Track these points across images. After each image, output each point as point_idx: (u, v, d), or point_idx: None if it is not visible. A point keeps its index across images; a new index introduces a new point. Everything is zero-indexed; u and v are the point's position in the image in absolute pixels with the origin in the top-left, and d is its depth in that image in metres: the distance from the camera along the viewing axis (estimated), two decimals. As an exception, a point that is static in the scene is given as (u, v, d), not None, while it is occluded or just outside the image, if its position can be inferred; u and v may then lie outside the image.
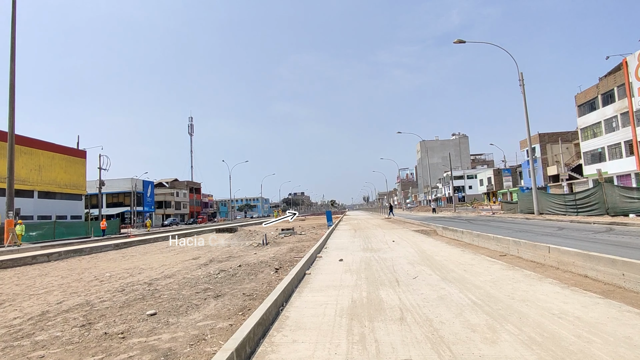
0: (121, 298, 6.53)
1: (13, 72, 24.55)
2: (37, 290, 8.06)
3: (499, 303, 4.66)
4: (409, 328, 3.91)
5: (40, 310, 6.05)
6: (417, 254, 9.59)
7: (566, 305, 4.40)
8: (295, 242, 15.41)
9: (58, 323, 5.13)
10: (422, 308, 4.63)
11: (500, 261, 7.98)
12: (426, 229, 18.51)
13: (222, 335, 4.13)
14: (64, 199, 43.15)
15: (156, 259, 13.01)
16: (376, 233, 17.69)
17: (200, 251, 14.96)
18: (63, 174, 43.04)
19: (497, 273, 6.56)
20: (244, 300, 5.75)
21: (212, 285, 7.18)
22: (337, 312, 4.63)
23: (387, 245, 12.20)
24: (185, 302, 5.83)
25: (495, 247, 10.33)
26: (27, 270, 11.93)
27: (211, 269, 9.44)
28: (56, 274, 10.65)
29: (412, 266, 7.79)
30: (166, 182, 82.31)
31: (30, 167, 38.55)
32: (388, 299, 5.15)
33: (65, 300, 6.77)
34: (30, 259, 13.98)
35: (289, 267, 8.66)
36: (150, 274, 9.47)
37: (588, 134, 39.36)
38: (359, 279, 6.67)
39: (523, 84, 26.37)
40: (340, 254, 10.26)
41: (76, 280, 9.26)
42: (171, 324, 4.71)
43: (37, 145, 40.00)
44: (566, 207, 23.42)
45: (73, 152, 45.32)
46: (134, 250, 18.01)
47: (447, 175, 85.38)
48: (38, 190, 39.45)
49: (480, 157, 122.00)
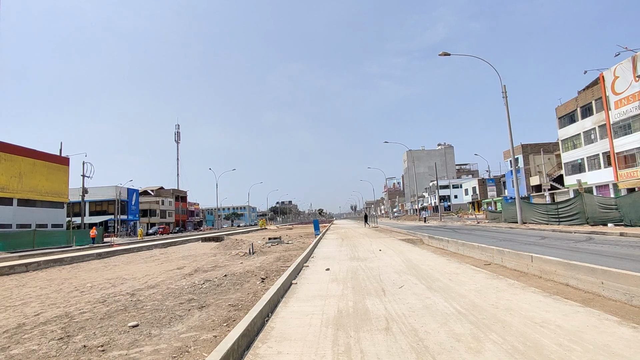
0: (102, 309, 6.36)
1: (-6, 77, 23.96)
2: (13, 302, 7.79)
3: (483, 312, 4.71)
4: (395, 338, 3.91)
5: (17, 322, 5.84)
6: (403, 263, 9.63)
7: (548, 314, 4.47)
8: (282, 251, 15.31)
9: (35, 336, 4.97)
10: (407, 318, 4.65)
11: (485, 270, 8.07)
12: (412, 238, 18.63)
13: (206, 347, 4.06)
14: (45, 207, 41.98)
15: (140, 269, 12.74)
16: (363, 242, 17.72)
17: (185, 260, 14.72)
18: (44, 182, 41.95)
19: (482, 282, 6.64)
20: (229, 311, 5.67)
21: (196, 295, 7.07)
22: (323, 322, 4.60)
23: (374, 254, 12.22)
24: (169, 313, 5.71)
25: (480, 256, 10.47)
26: (4, 281, 11.53)
27: (196, 279, 9.29)
28: (34, 285, 10.32)
29: (399, 275, 7.82)
30: (151, 190, 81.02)
31: (10, 174, 37.48)
32: (374, 309, 5.15)
33: (43, 312, 6.56)
34: (7, 269, 13.52)
35: (275, 276, 8.59)
36: (133, 284, 9.27)
37: (568, 145, 40.46)
38: (346, 289, 6.66)
39: (506, 96, 27.04)
40: (327, 263, 10.23)
41: (55, 291, 8.99)
42: (154, 335, 4.61)
43: (18, 151, 38.97)
44: (548, 217, 23.91)
45: (55, 159, 44.27)
46: (117, 259, 17.60)
47: (433, 185, 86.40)
48: (18, 198, 38.32)
49: (465, 167, 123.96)
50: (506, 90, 27.03)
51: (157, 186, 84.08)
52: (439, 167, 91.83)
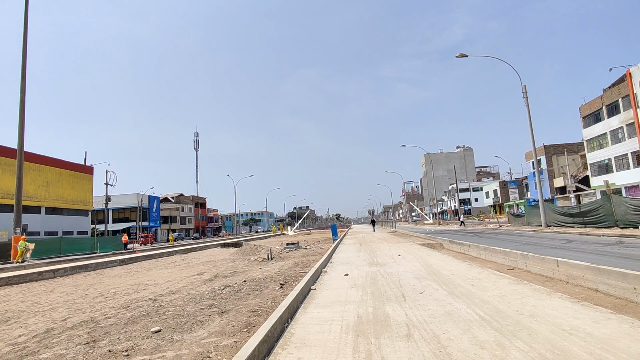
0: (126, 315, 6.50)
1: (23, 91, 25.10)
2: (42, 307, 8.05)
3: (507, 319, 4.58)
4: (416, 345, 3.84)
5: (45, 327, 6.03)
6: (423, 269, 9.48)
7: (577, 321, 4.30)
8: (300, 257, 15.32)
9: (62, 340, 5.11)
10: (429, 324, 4.56)
11: (508, 275, 7.86)
12: (432, 243, 18.34)
13: (227, 352, 4.08)
14: (71, 215, 43.43)
15: (161, 275, 12.97)
16: (381, 247, 17.55)
17: (205, 266, 14.91)
18: (70, 190, 43.43)
19: (505, 287, 6.46)
20: (249, 316, 5.69)
21: (216, 301, 7.14)
22: (343, 329, 4.57)
23: (393, 259, 12.08)
24: (190, 319, 5.79)
25: (503, 260, 10.20)
26: (33, 287, 11.95)
27: (216, 284, 9.39)
28: (62, 290, 10.65)
29: (419, 281, 7.69)
30: (172, 197, 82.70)
31: (38, 183, 38.98)
32: (394, 315, 5.07)
33: (70, 317, 6.75)
34: (36, 275, 14.01)
35: (294, 282, 8.59)
36: (155, 290, 9.44)
37: (594, 145, 39.15)
38: (365, 295, 6.59)
39: (527, 97, 26.43)
40: (345, 269, 10.17)
41: (81, 296, 9.25)
42: (175, 341, 4.68)
43: (45, 161, 40.53)
44: (574, 220, 23.13)
45: (80, 168, 45.81)
46: (139, 265, 17.99)
47: (452, 188, 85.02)
48: (45, 206, 39.79)
49: (485, 169, 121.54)
50: (526, 90, 26.44)
51: (177, 193, 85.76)
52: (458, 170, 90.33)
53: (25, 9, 25.66)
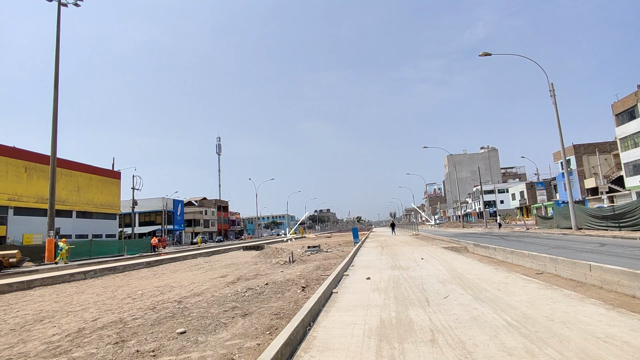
0: (152, 316, 6.67)
1: (56, 100, 26.30)
2: (74, 307, 8.37)
3: (536, 325, 4.42)
4: (441, 350, 3.76)
5: (77, 327, 6.26)
6: (447, 272, 9.29)
7: (612, 329, 4.10)
8: (322, 260, 15.31)
9: (93, 340, 5.29)
10: (454, 329, 4.45)
11: (537, 280, 7.59)
12: (456, 246, 17.95)
13: (250, 355, 4.12)
14: (100, 218, 45.06)
15: (186, 277, 13.25)
16: (404, 250, 17.32)
17: (228, 269, 15.12)
18: (99, 195, 45.09)
19: (534, 292, 6.24)
20: (271, 319, 5.73)
21: (239, 303, 7.22)
22: (366, 333, 4.52)
23: (416, 263, 11.90)
24: (214, 321, 5.87)
25: (531, 264, 9.87)
26: (66, 288, 12.44)
27: (239, 287, 9.50)
28: (92, 292, 11.04)
29: (443, 285, 7.54)
30: (195, 200, 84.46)
31: (69, 188, 40.68)
32: (418, 320, 4.99)
33: (100, 317, 6.99)
34: (68, 277, 14.59)
35: (315, 285, 8.59)
36: (180, 292, 9.65)
37: (628, 143, 37.41)
38: (388, 298, 6.51)
39: (554, 95, 25.58)
40: (367, 272, 10.09)
41: (110, 297, 9.56)
42: (200, 342, 4.76)
43: (76, 167, 42.27)
44: (607, 222, 22.13)
45: (108, 173, 47.51)
46: (164, 268, 18.44)
47: (476, 190, 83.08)
48: (76, 210, 41.44)
49: (511, 170, 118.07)
50: (554, 88, 25.58)
51: (201, 197, 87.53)
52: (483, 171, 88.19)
53: (58, 25, 26.92)
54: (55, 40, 26.61)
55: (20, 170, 35.20)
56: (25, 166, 35.67)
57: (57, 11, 26.83)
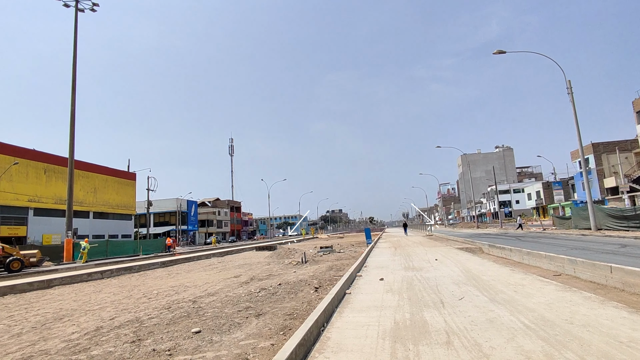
0: (168, 315, 6.76)
1: (74, 103, 26.93)
2: (92, 306, 8.55)
3: (555, 328, 4.32)
4: (457, 353, 3.70)
5: (95, 325, 6.39)
6: (462, 274, 9.16)
7: (636, 333, 3.98)
8: (334, 261, 15.29)
9: (111, 339, 5.39)
10: (469, 331, 4.39)
11: (555, 281, 7.42)
12: (471, 247, 17.70)
13: (264, 355, 4.13)
14: (116, 219, 45.96)
15: (200, 277, 13.39)
16: (417, 251, 17.16)
17: (241, 269, 15.23)
18: (115, 196, 45.98)
19: (552, 294, 6.10)
20: (285, 319, 5.74)
21: (253, 303, 7.26)
22: (380, 334, 4.49)
23: (430, 263, 11.77)
24: (228, 320, 5.92)
25: (548, 266, 9.67)
26: (84, 287, 12.72)
27: (252, 287, 9.56)
28: (109, 291, 11.26)
29: (458, 286, 7.44)
30: (208, 201, 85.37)
31: (87, 189, 41.59)
32: (433, 321, 4.93)
33: (117, 316, 7.12)
34: (86, 276, 14.91)
35: (328, 286, 8.58)
36: (194, 291, 9.76)
37: (649, 142, 36.30)
38: (401, 300, 6.46)
39: (571, 92, 25.01)
40: (380, 273, 10.03)
41: (127, 297, 9.73)
42: (215, 342, 4.80)
43: (93, 169, 43.19)
44: (628, 222, 21.52)
45: (124, 175, 48.42)
46: (179, 268, 18.68)
47: (491, 190, 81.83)
48: (93, 211, 42.35)
49: (527, 169, 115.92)
50: (571, 85, 25.02)
51: (214, 197, 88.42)
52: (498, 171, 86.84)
53: (75, 30, 27.56)
54: (73, 45, 27.26)
55: (40, 172, 36.16)
56: (44, 168, 36.63)
57: (74, 17, 27.49)
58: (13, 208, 32.98)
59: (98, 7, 28.40)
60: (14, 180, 33.16)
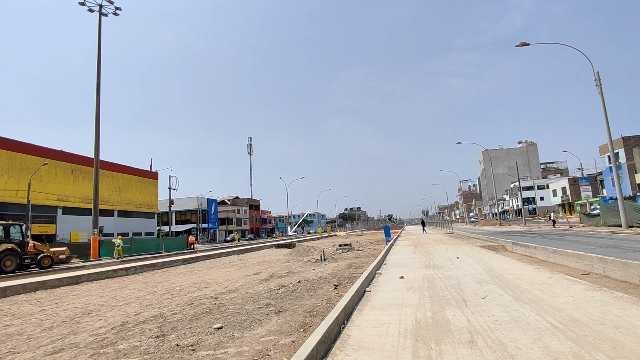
0: (190, 311, 6.89)
1: (98, 105, 27.75)
2: (118, 302, 8.80)
3: (585, 328, 4.16)
4: (481, 353, 3.62)
5: (121, 320, 6.58)
6: (485, 272, 8.97)
7: (672, 334, 3.79)
8: (353, 258, 15.24)
9: (136, 333, 5.53)
10: (493, 331, 4.28)
11: (583, 280, 7.17)
12: (493, 245, 17.31)
13: (285, 351, 4.15)
14: (140, 217, 47.23)
15: (221, 274, 13.60)
16: (438, 249, 16.90)
17: (261, 266, 15.38)
18: (138, 195, 47.24)
19: (580, 294, 5.89)
20: (305, 316, 5.76)
21: (273, 300, 7.31)
22: (401, 333, 4.44)
23: (451, 262, 11.58)
24: (249, 317, 5.98)
25: (576, 264, 9.34)
26: (110, 283, 13.12)
27: (272, 284, 9.63)
28: (133, 287, 11.57)
29: (480, 285, 7.28)
30: (228, 199, 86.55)
31: (111, 189, 42.88)
32: (455, 320, 4.84)
33: (142, 311, 7.30)
34: (111, 273, 15.38)
35: (348, 283, 8.56)
36: (215, 288, 9.91)
37: (683, 135, 34.56)
38: (422, 298, 6.37)
39: (600, 84, 24.03)
40: (400, 271, 9.93)
41: (150, 293, 9.97)
42: (236, 338, 4.86)
43: (117, 168, 44.48)
44: (661, 219, 20.55)
45: (146, 174, 49.66)
46: (200, 265, 19.03)
47: (514, 186, 79.80)
48: (118, 210, 43.63)
49: (551, 165, 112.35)
50: (599, 77, 24.05)
51: (233, 196, 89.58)
52: (521, 167, 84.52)
53: (99, 34, 28.37)
54: (97, 49, 28.08)
55: (68, 173, 37.51)
56: (71, 168, 37.97)
57: (98, 21, 28.30)
58: (43, 207, 34.35)
59: (120, 10, 29.15)
60: (44, 180, 34.52)
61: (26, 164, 33.10)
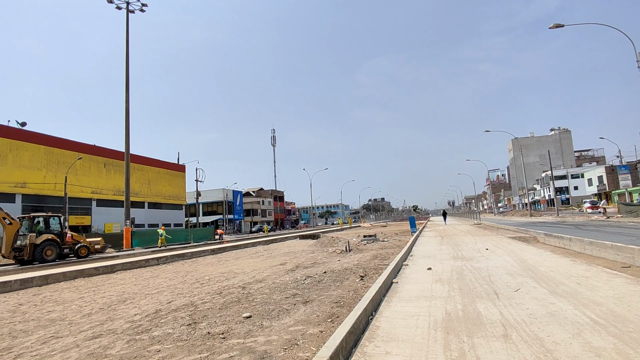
0: (219, 300, 7.05)
1: (127, 100, 28.61)
2: (150, 290, 9.13)
3: (628, 324, 3.95)
4: (516, 347, 3.51)
5: (154, 308, 6.82)
6: (516, 264, 8.69)
7: None
8: (378, 250, 15.15)
9: (169, 321, 5.72)
10: (529, 325, 4.14)
11: (624, 274, 6.81)
12: (524, 236, 16.77)
13: (313, 341, 4.17)
14: (168, 209, 48.71)
15: (247, 264, 13.85)
16: (466, 240, 16.54)
17: (287, 257, 15.55)
18: (167, 187, 48.67)
19: (622, 288, 5.60)
20: (332, 307, 5.77)
21: (300, 290, 7.37)
22: (431, 325, 4.37)
23: (480, 253, 11.29)
24: (277, 307, 6.05)
25: (615, 257, 8.90)
26: (142, 272, 13.63)
27: (298, 274, 9.72)
28: (165, 276, 11.97)
29: (512, 277, 7.06)
30: (253, 191, 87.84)
31: (141, 181, 44.36)
32: (487, 313, 4.71)
33: (173, 300, 7.54)
34: (144, 262, 15.97)
35: (374, 274, 8.51)
36: (243, 278, 10.10)
37: None
38: (452, 290, 6.25)
39: (640, 66, 22.54)
40: (428, 262, 9.78)
41: (181, 282, 10.29)
42: (265, 327, 4.92)
43: (146, 162, 45.90)
44: None
45: (175, 167, 51.02)
46: (227, 255, 19.46)
47: (546, 176, 76.79)
48: (148, 202, 45.14)
49: (587, 153, 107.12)
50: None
51: (258, 187, 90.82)
52: (553, 155, 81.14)
53: (127, 30, 29.10)
54: (125, 45, 28.85)
55: (100, 166, 39.05)
56: (104, 162, 39.50)
57: (125, 18, 29.02)
58: (79, 199, 35.99)
59: (147, 7, 29.75)
60: (79, 173, 36.10)
61: (62, 158, 34.69)
